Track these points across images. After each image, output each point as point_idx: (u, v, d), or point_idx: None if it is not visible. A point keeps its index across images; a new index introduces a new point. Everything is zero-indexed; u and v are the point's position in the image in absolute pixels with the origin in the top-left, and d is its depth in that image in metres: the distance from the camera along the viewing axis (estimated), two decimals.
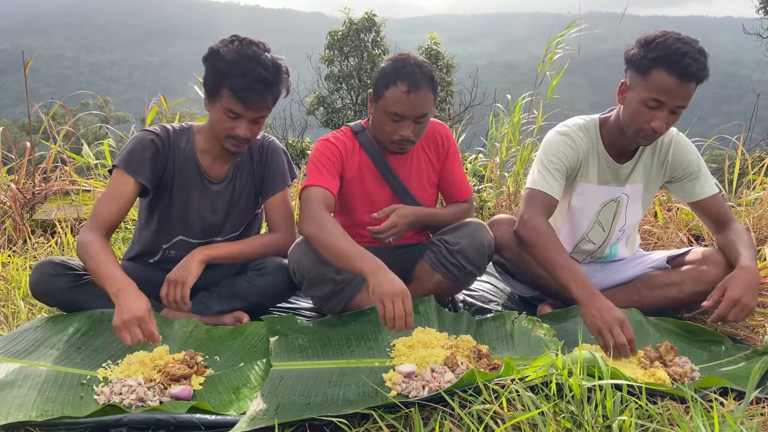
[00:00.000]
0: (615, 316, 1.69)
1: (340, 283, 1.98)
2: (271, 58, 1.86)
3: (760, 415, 1.44)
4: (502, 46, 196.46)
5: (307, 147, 14.56)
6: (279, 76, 1.87)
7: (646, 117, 1.85)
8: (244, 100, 1.83)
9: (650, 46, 1.81)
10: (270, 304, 2.18)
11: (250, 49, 1.84)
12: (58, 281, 1.93)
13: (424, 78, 1.95)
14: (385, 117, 2.00)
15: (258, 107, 1.87)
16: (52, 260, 1.97)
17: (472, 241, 2.02)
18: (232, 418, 1.43)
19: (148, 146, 1.96)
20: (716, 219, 2.10)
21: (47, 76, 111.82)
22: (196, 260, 1.91)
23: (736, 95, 68.88)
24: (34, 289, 1.96)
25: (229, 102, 1.85)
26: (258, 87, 1.82)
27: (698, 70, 1.77)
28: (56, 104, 3.89)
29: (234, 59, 1.82)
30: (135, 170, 1.93)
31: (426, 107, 1.98)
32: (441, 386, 1.50)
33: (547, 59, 3.90)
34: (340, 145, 2.13)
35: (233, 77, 1.81)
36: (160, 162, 1.99)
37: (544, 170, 2.05)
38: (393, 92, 1.95)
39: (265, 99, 1.86)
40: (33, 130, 3.90)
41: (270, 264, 2.08)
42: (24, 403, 1.48)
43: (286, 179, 2.13)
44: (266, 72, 1.82)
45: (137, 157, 1.94)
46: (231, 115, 1.87)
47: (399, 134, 2.00)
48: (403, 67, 1.96)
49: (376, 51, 15.34)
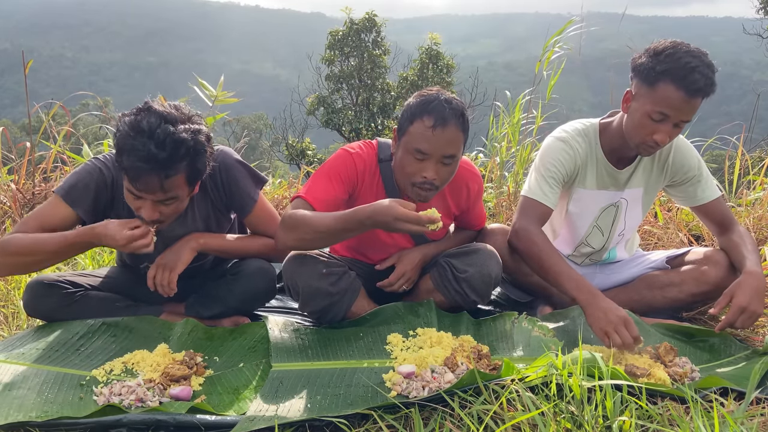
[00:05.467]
0: (619, 315, 1.69)
1: (336, 294, 1.89)
2: (173, 132, 1.57)
3: (760, 415, 1.44)
4: (502, 46, 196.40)
5: (307, 147, 14.58)
6: (178, 154, 1.58)
7: (650, 129, 1.83)
8: (134, 181, 1.61)
9: (659, 57, 1.78)
10: (250, 307, 2.08)
11: (144, 121, 1.58)
12: (50, 302, 1.88)
13: (452, 114, 1.75)
14: (408, 155, 1.79)
15: (151, 189, 1.61)
16: (42, 281, 1.87)
17: (479, 270, 1.93)
18: (232, 418, 1.43)
19: (94, 176, 1.81)
20: (719, 222, 2.10)
21: (47, 76, 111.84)
22: (189, 247, 1.84)
23: (736, 95, 68.85)
24: (27, 309, 1.91)
25: (126, 183, 1.65)
26: (143, 167, 1.56)
27: (706, 86, 1.75)
28: (56, 104, 3.89)
29: (126, 132, 1.59)
30: (74, 201, 1.78)
31: (453, 147, 1.77)
32: (441, 387, 1.50)
33: (544, 59, 3.90)
34: (359, 163, 1.93)
35: (122, 155, 1.59)
36: (103, 196, 1.83)
37: (540, 178, 2.03)
38: (417, 127, 1.76)
39: (160, 180, 1.59)
40: (33, 131, 3.90)
41: (246, 268, 1.97)
42: (24, 403, 1.48)
43: (254, 196, 1.95)
44: (158, 150, 1.55)
45: (81, 187, 1.79)
46: (131, 195, 1.68)
47: (422, 175, 1.77)
48: (430, 101, 1.76)
49: (376, 51, 15.35)
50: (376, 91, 15.56)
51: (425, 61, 15.05)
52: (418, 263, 2.05)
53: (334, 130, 15.43)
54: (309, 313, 1.98)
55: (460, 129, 1.77)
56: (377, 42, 15.46)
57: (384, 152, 1.97)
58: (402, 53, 15.98)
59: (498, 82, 9.18)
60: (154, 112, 1.60)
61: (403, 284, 2.01)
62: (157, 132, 1.56)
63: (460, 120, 1.77)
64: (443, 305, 2.03)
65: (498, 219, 3.47)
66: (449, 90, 3.56)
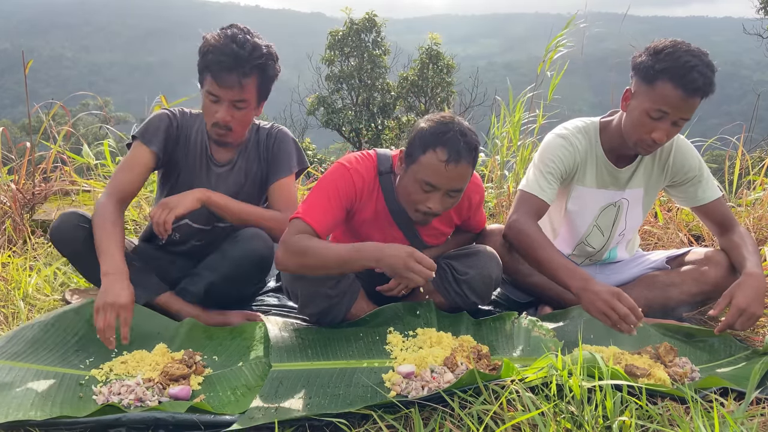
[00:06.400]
0: (609, 290, 1.69)
1: (335, 296, 1.89)
2: (252, 39, 1.86)
3: (760, 415, 1.44)
4: (502, 46, 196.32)
5: (307, 147, 14.58)
6: (255, 54, 1.85)
7: (648, 127, 1.84)
8: (217, 77, 1.84)
9: (659, 56, 1.79)
10: (246, 277, 2.06)
11: (230, 30, 1.87)
12: (79, 232, 1.92)
13: (467, 149, 1.72)
14: (416, 184, 1.76)
15: (231, 85, 1.84)
16: (78, 212, 1.98)
17: (480, 272, 1.95)
18: (231, 417, 1.43)
19: (163, 119, 2.03)
20: (719, 223, 2.10)
21: (47, 76, 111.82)
22: (194, 196, 1.90)
23: (737, 95, 68.85)
24: (54, 234, 1.95)
25: (208, 83, 1.87)
26: (228, 62, 1.81)
27: (704, 85, 1.75)
28: (56, 104, 3.89)
29: (214, 41, 1.85)
30: (150, 140, 1.99)
31: (463, 182, 1.77)
32: (440, 386, 1.50)
33: (547, 59, 3.90)
34: (358, 181, 1.88)
35: (209, 55, 1.84)
36: (172, 135, 2.04)
37: (538, 173, 2.04)
38: (429, 159, 1.72)
39: (239, 77, 1.84)
40: (33, 131, 3.90)
41: (244, 233, 1.99)
42: (23, 403, 1.48)
43: (291, 166, 2.09)
44: (239, 48, 1.82)
45: (153, 129, 2.01)
46: (211, 98, 1.89)
47: (427, 206, 1.77)
48: (446, 132, 1.72)
49: (376, 51, 15.35)
50: (377, 91, 15.56)
51: (425, 61, 15.06)
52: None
53: (334, 130, 15.44)
54: (308, 315, 1.97)
55: (471, 165, 1.77)
56: (377, 42, 15.47)
57: (383, 164, 1.93)
58: (402, 53, 16.00)
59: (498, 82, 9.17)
60: (237, 26, 1.89)
61: (402, 290, 2.01)
62: (239, 37, 1.84)
63: (473, 155, 1.76)
64: (443, 306, 2.03)
65: (498, 219, 3.47)
66: (449, 90, 3.50)
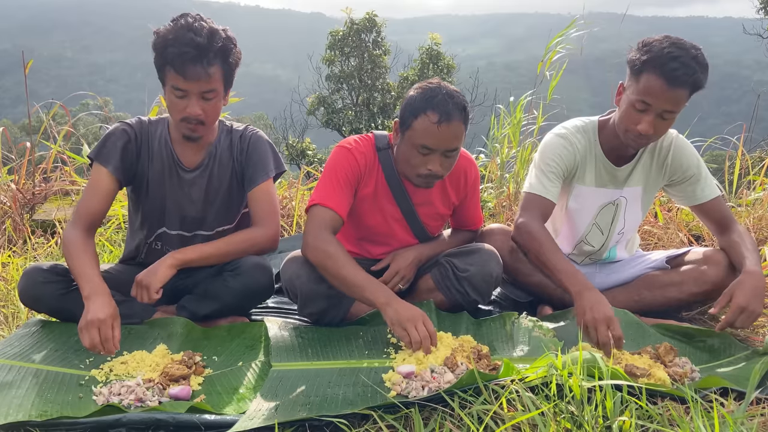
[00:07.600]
0: (604, 313, 1.68)
1: (335, 296, 1.90)
2: (207, 25, 1.81)
3: (760, 415, 1.44)
4: (502, 46, 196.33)
5: (307, 147, 14.57)
6: (214, 41, 1.79)
7: (634, 119, 1.86)
8: (180, 70, 1.77)
9: (645, 48, 1.82)
10: (248, 305, 2.08)
11: (183, 20, 1.81)
12: (48, 288, 1.87)
13: (456, 108, 1.79)
14: (413, 149, 1.84)
15: (197, 76, 1.79)
16: (41, 267, 1.89)
17: (481, 270, 1.97)
18: (232, 418, 1.43)
19: (119, 136, 1.96)
20: (718, 222, 2.10)
21: (47, 76, 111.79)
22: (165, 264, 1.83)
23: (736, 95, 68.86)
24: (23, 296, 1.89)
25: (172, 78, 1.81)
26: (191, 53, 1.76)
27: (685, 75, 1.76)
28: (56, 104, 3.89)
29: (166, 33, 1.79)
30: (107, 161, 1.93)
31: (457, 140, 1.83)
32: (441, 386, 1.50)
33: (546, 59, 3.90)
34: (360, 159, 1.97)
35: (167, 49, 1.78)
36: (131, 150, 1.97)
37: (540, 174, 2.04)
38: (422, 122, 1.79)
39: (203, 67, 1.78)
40: (33, 131, 3.90)
41: (245, 264, 1.95)
42: (23, 403, 1.48)
43: (268, 170, 2.01)
44: (197, 36, 1.76)
45: (109, 148, 1.95)
46: (177, 93, 1.82)
47: (427, 168, 1.84)
48: (434, 96, 1.80)
49: (377, 51, 15.33)
50: (377, 91, 15.55)
51: (425, 61, 15.04)
52: (412, 261, 2.06)
53: (335, 130, 15.42)
54: (308, 315, 1.97)
55: (463, 123, 1.83)
56: (377, 42, 15.45)
57: (381, 141, 2.03)
58: (402, 53, 15.97)
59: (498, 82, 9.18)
60: (190, 15, 1.83)
61: (398, 282, 2.01)
62: (195, 25, 1.78)
63: (463, 114, 1.82)
64: (443, 305, 2.03)
65: (498, 219, 3.47)
66: None
